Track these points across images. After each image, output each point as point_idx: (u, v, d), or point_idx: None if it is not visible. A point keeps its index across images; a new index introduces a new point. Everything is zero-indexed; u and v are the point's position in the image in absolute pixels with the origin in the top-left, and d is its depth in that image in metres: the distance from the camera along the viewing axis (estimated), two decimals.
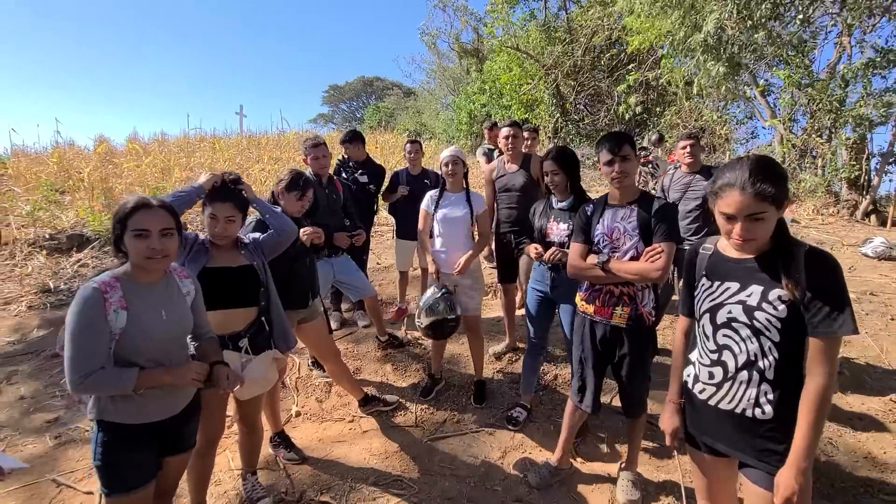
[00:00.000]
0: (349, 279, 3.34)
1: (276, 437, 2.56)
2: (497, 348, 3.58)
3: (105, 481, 1.45)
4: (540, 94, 14.57)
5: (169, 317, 1.47)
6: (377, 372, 3.45)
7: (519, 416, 2.78)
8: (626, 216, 2.01)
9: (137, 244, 1.40)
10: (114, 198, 7.39)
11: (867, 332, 3.80)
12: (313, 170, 3.27)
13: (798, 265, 1.23)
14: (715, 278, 1.38)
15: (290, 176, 2.43)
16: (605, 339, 2.06)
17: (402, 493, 2.29)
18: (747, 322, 1.29)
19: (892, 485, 2.35)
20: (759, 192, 1.19)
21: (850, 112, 7.47)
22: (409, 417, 2.92)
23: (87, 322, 1.33)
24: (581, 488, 2.32)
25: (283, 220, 2.14)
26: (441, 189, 2.94)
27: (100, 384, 1.35)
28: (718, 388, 1.36)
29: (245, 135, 14.13)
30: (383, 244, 6.46)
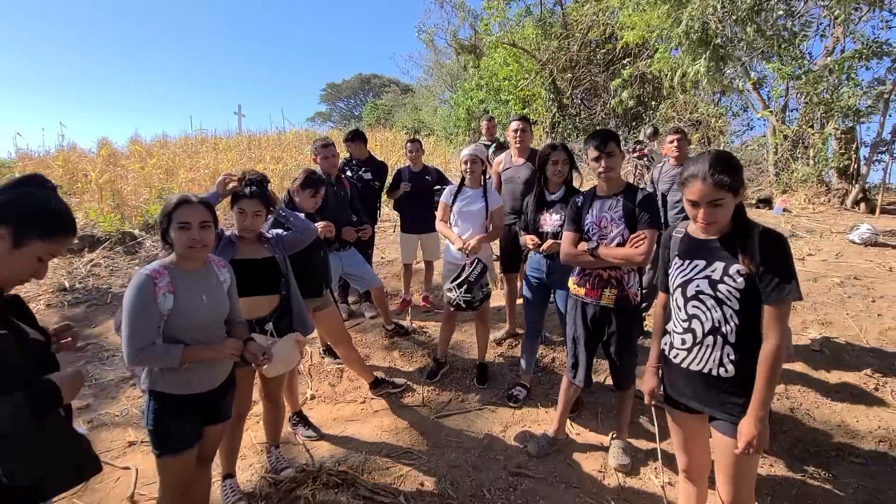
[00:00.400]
0: (357, 271, 3.54)
1: (294, 416, 2.78)
2: (497, 334, 3.78)
3: (156, 444, 1.66)
4: (537, 89, 14.71)
5: (209, 301, 1.68)
6: (385, 358, 3.66)
7: (519, 394, 2.99)
8: (612, 206, 2.21)
9: (181, 235, 1.60)
10: (122, 199, 7.60)
11: (848, 313, 4.01)
12: (322, 169, 3.46)
13: (753, 244, 1.44)
14: (685, 257, 1.58)
15: (304, 175, 2.63)
16: (595, 319, 2.26)
17: (412, 463, 2.51)
18: (712, 294, 1.49)
19: (860, 449, 2.56)
20: (718, 181, 1.39)
21: (839, 103, 7.65)
22: (417, 398, 3.13)
23: (140, 304, 1.53)
24: (576, 456, 2.54)
25: (305, 223, 2.37)
26: (460, 184, 3.14)
27: (151, 357, 1.55)
28: (689, 353, 1.57)
29: (245, 135, 14.30)
30: (386, 239, 6.66)
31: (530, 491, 2.29)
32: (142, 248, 6.41)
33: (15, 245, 1.08)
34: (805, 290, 4.44)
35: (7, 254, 1.07)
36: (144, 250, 6.35)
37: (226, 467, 2.24)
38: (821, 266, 5.18)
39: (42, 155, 10.81)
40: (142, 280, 1.54)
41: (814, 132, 8.55)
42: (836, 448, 2.57)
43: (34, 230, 1.10)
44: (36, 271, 1.15)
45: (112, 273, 5.87)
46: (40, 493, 1.13)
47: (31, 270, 1.13)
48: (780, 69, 8.25)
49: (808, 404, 2.92)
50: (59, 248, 1.16)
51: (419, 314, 4.36)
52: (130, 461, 2.60)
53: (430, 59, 23.00)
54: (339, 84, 39.19)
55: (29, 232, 1.09)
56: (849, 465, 2.47)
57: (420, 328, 4.09)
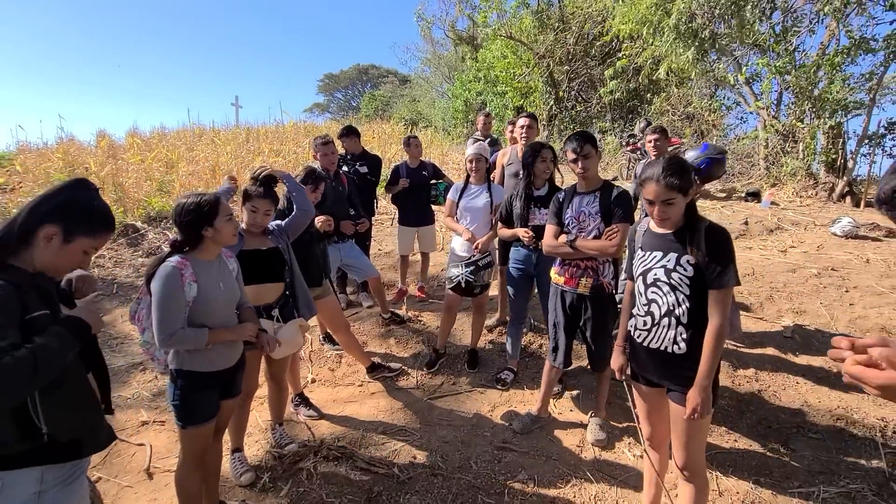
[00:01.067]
0: (354, 262, 3.73)
1: (296, 397, 2.98)
2: (489, 322, 3.98)
3: (182, 417, 1.85)
4: (534, 81, 14.80)
5: (225, 287, 1.86)
6: (381, 345, 3.86)
7: (506, 377, 3.21)
8: (590, 202, 2.40)
9: (230, 226, 1.82)
10: (124, 192, 7.73)
11: (822, 302, 4.22)
12: (322, 165, 3.63)
13: (700, 236, 1.63)
14: (646, 249, 1.79)
15: (304, 171, 2.82)
16: (573, 306, 2.47)
17: (406, 439, 2.72)
18: (666, 281, 1.70)
19: (818, 426, 2.78)
20: (669, 183, 1.59)
21: (828, 98, 7.80)
22: (411, 381, 3.34)
23: (170, 293, 1.71)
24: (557, 432, 2.75)
25: (305, 198, 2.56)
26: (465, 181, 3.33)
27: (181, 340, 1.74)
28: (649, 333, 1.77)
29: (242, 127, 14.36)
30: (384, 231, 6.83)
31: (514, 463, 2.50)
32: (144, 241, 6.56)
33: (65, 241, 1.25)
34: (783, 281, 4.66)
35: (59, 249, 1.24)
36: (147, 242, 6.50)
37: (235, 442, 2.44)
38: (801, 258, 5.39)
39: (41, 147, 10.89)
40: (170, 271, 1.72)
41: (803, 126, 8.71)
42: (796, 425, 2.79)
43: (81, 228, 1.27)
44: (81, 263, 1.32)
45: (116, 264, 6.03)
46: (77, 451, 1.31)
47: (77, 262, 1.31)
48: (771, 64, 8.39)
49: (776, 386, 3.14)
50: (101, 242, 1.33)
51: (415, 304, 4.56)
52: (144, 438, 2.81)
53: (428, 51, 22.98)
54: (337, 75, 39.04)
55: (76, 229, 1.26)
56: (807, 440, 2.69)
57: (415, 317, 4.29)
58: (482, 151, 3.28)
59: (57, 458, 1.26)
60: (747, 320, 3.99)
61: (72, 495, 1.29)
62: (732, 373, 3.25)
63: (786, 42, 8.30)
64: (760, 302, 4.29)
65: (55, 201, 1.25)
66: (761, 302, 4.28)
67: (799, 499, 2.28)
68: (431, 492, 2.30)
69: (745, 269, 4.97)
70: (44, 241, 1.23)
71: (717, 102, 11.60)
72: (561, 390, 3.11)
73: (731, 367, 3.30)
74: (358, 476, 2.42)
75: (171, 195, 7.79)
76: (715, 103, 11.61)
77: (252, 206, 2.24)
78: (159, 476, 2.49)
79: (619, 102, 13.30)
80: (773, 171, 9.33)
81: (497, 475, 2.41)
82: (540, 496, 2.28)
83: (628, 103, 13.39)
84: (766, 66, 8.35)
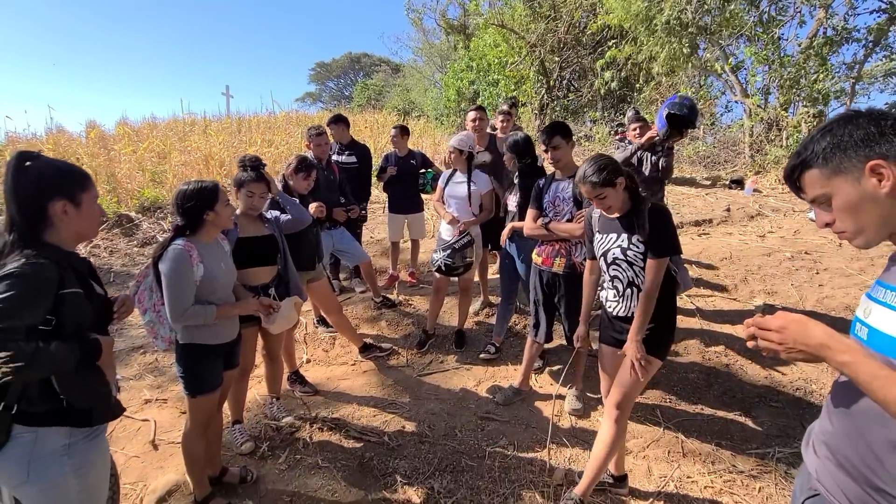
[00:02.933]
0: (346, 247, 3.88)
1: (292, 375, 3.15)
2: (475, 306, 4.16)
3: (191, 387, 2.00)
4: (526, 70, 14.85)
5: (226, 266, 2.02)
6: (373, 327, 4.03)
7: (489, 350, 3.40)
8: (565, 188, 2.57)
9: (228, 210, 1.98)
10: (117, 182, 7.79)
11: (793, 283, 4.44)
12: (315, 154, 3.76)
13: (644, 217, 1.85)
14: (602, 231, 2.00)
15: (297, 160, 2.95)
16: (549, 284, 2.65)
17: (396, 411, 2.90)
18: (623, 258, 1.91)
19: (780, 395, 3.00)
20: (589, 182, 1.82)
21: (810, 88, 7.99)
22: (402, 360, 3.52)
23: (182, 272, 1.85)
24: (537, 403, 2.95)
25: (302, 211, 2.72)
26: (454, 168, 3.48)
27: (193, 316, 1.88)
28: (617, 303, 2.00)
29: (234, 117, 14.32)
30: (376, 219, 6.96)
31: (495, 431, 2.69)
32: (139, 230, 6.65)
33: (76, 206, 1.33)
34: (758, 264, 4.88)
35: (77, 216, 1.34)
36: (142, 232, 6.59)
37: (235, 414, 2.61)
38: (778, 242, 5.61)
39: (31, 138, 10.84)
40: (180, 253, 1.85)
41: (787, 115, 8.91)
42: (759, 395, 3.01)
43: (77, 188, 1.35)
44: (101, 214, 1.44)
45: (111, 254, 6.14)
46: (89, 418, 1.43)
47: (98, 215, 1.41)
48: (757, 53, 8.56)
49: (743, 361, 3.35)
50: (95, 190, 1.41)
51: (405, 289, 4.72)
52: (148, 414, 2.97)
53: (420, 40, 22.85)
54: (329, 63, 38.68)
55: (76, 192, 1.34)
56: (768, 408, 2.91)
57: (406, 301, 4.45)
58: (461, 145, 3.41)
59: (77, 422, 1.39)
60: (722, 301, 4.20)
61: (96, 448, 1.43)
62: (703, 349, 3.45)
63: (770, 31, 8.47)
64: (735, 283, 4.50)
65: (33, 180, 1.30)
66: (736, 284, 4.49)
67: (756, 458, 2.50)
68: (419, 457, 2.49)
69: (723, 253, 5.18)
70: (62, 215, 1.32)
71: (705, 91, 11.75)
72: (542, 365, 3.30)
73: (702, 343, 3.50)
74: (351, 444, 2.60)
75: (165, 186, 7.86)
76: (703, 91, 11.76)
77: (248, 191, 2.37)
78: (164, 447, 2.66)
79: (610, 92, 13.41)
80: (757, 159, 9.53)
81: (480, 441, 2.60)
82: (518, 458, 2.48)
83: (617, 92, 13.49)
84: (753, 56, 8.51)
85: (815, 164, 0.94)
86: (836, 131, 0.91)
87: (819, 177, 0.93)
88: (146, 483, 2.39)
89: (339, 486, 2.32)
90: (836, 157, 0.90)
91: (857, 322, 0.99)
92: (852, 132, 0.89)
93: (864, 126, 0.88)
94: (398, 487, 2.30)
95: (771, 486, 2.32)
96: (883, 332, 0.89)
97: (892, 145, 0.85)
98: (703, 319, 3.83)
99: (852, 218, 0.91)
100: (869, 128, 0.88)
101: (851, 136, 0.89)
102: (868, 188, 0.87)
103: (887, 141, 0.86)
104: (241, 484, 2.32)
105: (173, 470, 2.45)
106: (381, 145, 11.18)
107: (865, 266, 4.65)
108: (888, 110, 0.87)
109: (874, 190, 0.87)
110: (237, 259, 2.30)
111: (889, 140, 0.86)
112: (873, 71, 10.74)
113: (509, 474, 2.37)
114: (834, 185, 0.92)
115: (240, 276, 2.32)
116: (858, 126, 0.89)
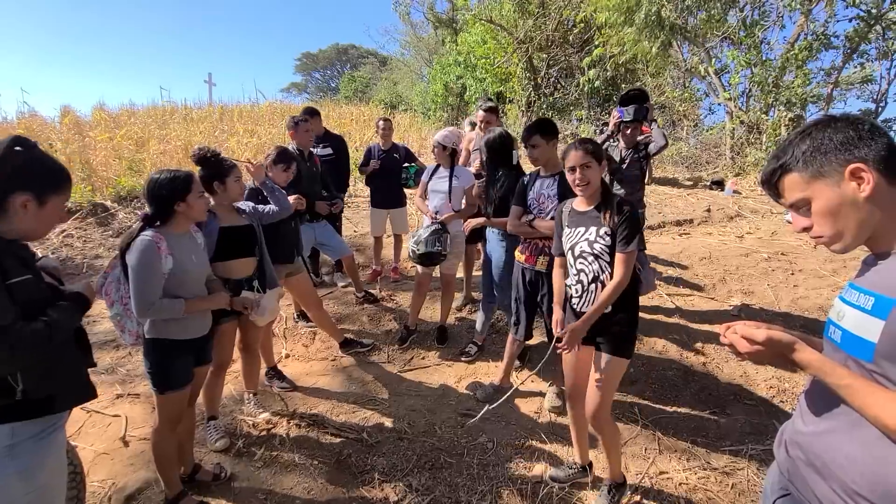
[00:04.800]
0: (328, 241, 3.82)
1: (270, 370, 3.09)
2: (457, 303, 4.15)
3: (159, 383, 1.94)
4: (513, 67, 14.83)
5: (197, 259, 1.95)
6: (355, 322, 3.99)
7: (470, 349, 3.39)
8: (549, 185, 2.56)
9: (201, 202, 1.91)
10: (92, 170, 7.53)
11: (769, 284, 4.54)
12: (298, 143, 3.68)
13: (613, 210, 1.88)
14: (571, 226, 2.01)
15: (276, 151, 2.87)
16: (532, 282, 2.65)
17: (376, 408, 2.87)
18: (590, 251, 1.93)
19: (754, 394, 3.06)
20: (583, 148, 1.87)
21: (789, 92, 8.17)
22: (383, 356, 3.48)
23: (148, 264, 1.78)
24: (518, 401, 2.95)
25: (285, 200, 2.65)
26: (437, 164, 3.44)
27: (160, 310, 1.82)
28: (580, 298, 1.99)
29: (216, 105, 13.99)
30: (359, 214, 6.89)
31: (475, 428, 2.69)
32: (115, 220, 6.45)
33: (40, 205, 1.29)
34: (736, 265, 4.97)
35: (36, 213, 1.29)
36: (117, 222, 6.40)
37: (210, 410, 2.55)
38: (755, 243, 5.72)
39: (2, 123, 10.42)
40: (148, 244, 1.78)
41: (767, 119, 9.10)
42: (734, 393, 3.06)
43: (50, 189, 1.30)
44: (61, 220, 1.39)
45: (85, 244, 5.94)
46: (50, 406, 1.36)
47: (58, 220, 1.37)
48: (739, 57, 8.70)
49: (719, 360, 3.41)
50: (68, 195, 1.38)
51: (388, 284, 4.68)
52: (119, 410, 2.88)
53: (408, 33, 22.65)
54: (315, 54, 38.06)
55: (47, 191, 1.29)
56: (742, 405, 2.96)
57: (389, 296, 4.42)
58: (445, 141, 3.38)
59: (29, 415, 1.31)
60: (700, 300, 4.27)
61: (44, 450, 1.33)
62: (680, 348, 3.50)
63: (753, 36, 8.61)
64: (713, 283, 4.58)
65: (11, 167, 1.25)
66: (714, 283, 4.57)
67: (730, 455, 2.54)
68: (398, 453, 2.47)
69: (702, 253, 5.26)
70: (20, 209, 1.26)
71: (689, 93, 11.92)
72: (523, 363, 3.30)
73: (679, 342, 3.55)
74: (329, 440, 2.57)
75: (142, 175, 7.63)
76: (687, 93, 11.93)
77: (235, 177, 2.30)
78: (135, 444, 2.58)
79: (596, 91, 13.49)
80: (737, 161, 9.73)
81: (459, 438, 2.59)
82: (498, 454, 2.48)
83: (604, 91, 13.58)
84: (735, 59, 8.66)
85: (794, 168, 0.93)
86: (816, 135, 0.91)
87: (799, 181, 0.93)
88: (115, 481, 2.31)
89: (315, 484, 2.29)
90: (816, 160, 0.90)
91: (831, 324, 1.00)
92: (832, 136, 0.89)
93: (843, 130, 0.88)
94: (376, 485, 2.27)
95: (743, 482, 2.36)
96: (855, 335, 0.89)
97: (871, 149, 0.86)
98: (681, 318, 3.89)
99: (831, 222, 0.91)
100: (848, 132, 0.88)
101: (832, 139, 0.89)
102: (848, 192, 0.88)
103: (866, 145, 0.86)
104: (214, 482, 2.26)
105: (144, 467, 2.38)
106: (367, 137, 11.06)
107: (838, 268, 4.78)
108: (862, 116, 0.88)
109: (854, 194, 0.87)
110: (218, 250, 2.24)
111: (867, 144, 0.86)
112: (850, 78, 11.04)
113: (488, 471, 2.37)
114: (814, 190, 0.92)
115: (221, 269, 2.28)
116: (838, 130, 0.89)
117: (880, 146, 0.86)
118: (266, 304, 2.25)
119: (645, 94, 3.60)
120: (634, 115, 3.53)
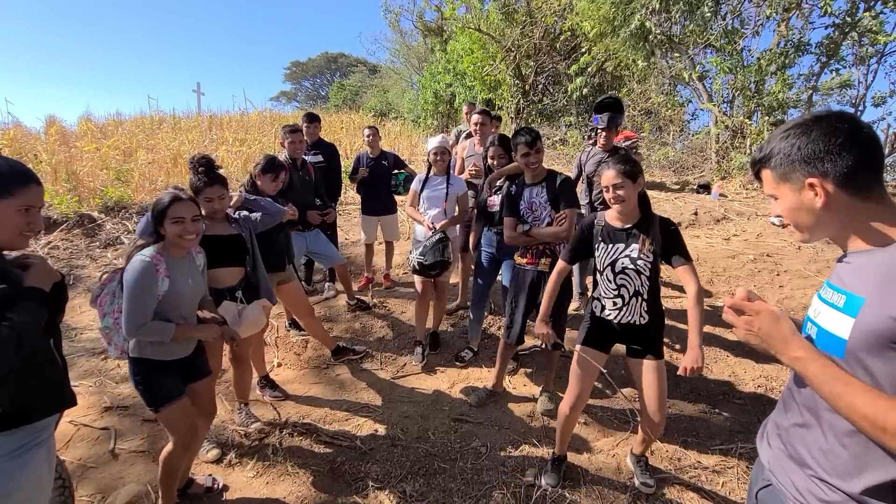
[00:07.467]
0: (321, 250, 3.81)
1: (262, 380, 3.07)
2: (449, 307, 4.16)
3: (151, 400, 1.91)
4: (502, 75, 14.99)
5: (194, 283, 1.94)
6: (347, 330, 3.98)
7: (465, 355, 3.40)
8: (539, 192, 2.61)
9: (176, 228, 1.83)
10: (78, 181, 7.45)
11: (755, 285, 4.62)
12: (289, 153, 3.68)
13: (656, 228, 1.96)
14: (608, 242, 2.06)
15: (265, 160, 2.88)
16: (534, 283, 2.68)
17: (369, 415, 2.87)
18: (633, 268, 2.00)
19: (742, 392, 3.11)
20: (616, 169, 1.93)
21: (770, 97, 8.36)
22: (375, 364, 3.48)
23: (144, 286, 1.76)
24: (510, 405, 2.96)
25: (277, 207, 2.70)
26: (427, 172, 3.45)
27: (148, 332, 1.80)
28: (620, 311, 2.07)
29: (205, 115, 13.93)
30: (350, 221, 6.89)
31: (469, 432, 2.69)
32: (102, 231, 6.38)
33: None
34: (723, 266, 5.05)
35: None
36: (105, 233, 6.33)
37: None
38: (741, 245, 5.82)
39: None
40: (146, 265, 1.77)
41: (751, 123, 9.29)
42: (723, 392, 3.11)
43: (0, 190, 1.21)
44: (28, 224, 1.27)
45: (72, 255, 5.86)
46: (26, 416, 1.31)
47: (18, 225, 1.25)
48: (722, 63, 8.90)
49: (708, 360, 3.46)
50: (29, 197, 1.26)
51: (380, 291, 4.68)
52: (108, 422, 2.84)
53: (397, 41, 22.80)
54: (305, 62, 38.13)
55: None
56: (731, 404, 3.01)
57: (381, 303, 4.41)
58: (445, 144, 3.42)
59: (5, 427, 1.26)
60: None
61: (20, 468, 1.27)
62: (670, 350, 3.54)
63: (734, 42, 8.81)
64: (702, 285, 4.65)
65: None
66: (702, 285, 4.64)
67: (720, 454, 2.58)
68: (391, 460, 2.47)
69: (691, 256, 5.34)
70: None
71: (674, 98, 12.13)
72: (516, 367, 3.32)
73: (670, 342, 3.60)
74: (321, 449, 2.56)
75: (130, 185, 7.57)
76: (672, 99, 12.14)
77: (205, 198, 2.27)
78: (125, 456, 2.54)
79: (584, 98, 13.68)
80: (723, 165, 9.89)
81: (453, 443, 2.60)
82: (491, 459, 2.48)
83: (591, 98, 13.78)
84: (717, 65, 8.85)
85: (768, 166, 0.99)
86: (792, 140, 0.95)
87: (771, 179, 1.00)
88: (105, 495, 2.28)
89: (308, 493, 2.27)
90: (783, 166, 0.96)
91: (808, 321, 1.04)
92: (801, 147, 0.93)
93: (815, 141, 0.92)
94: (370, 492, 2.27)
95: (733, 480, 2.39)
96: (829, 332, 0.93)
97: (835, 164, 0.90)
98: (671, 319, 3.94)
99: (792, 219, 1.00)
100: (818, 144, 0.91)
101: (800, 150, 0.93)
102: (805, 200, 0.95)
103: (830, 160, 0.90)
104: (206, 494, 2.24)
105: (134, 480, 2.35)
106: (357, 146, 11.08)
107: (822, 268, 4.88)
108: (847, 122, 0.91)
109: (811, 203, 0.94)
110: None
111: (832, 160, 0.90)
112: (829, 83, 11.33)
113: (482, 476, 2.38)
114: (780, 190, 0.99)
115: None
116: (810, 140, 0.92)
117: (845, 163, 0.89)
118: (246, 315, 2.24)
119: (619, 101, 3.71)
120: (608, 123, 3.65)
